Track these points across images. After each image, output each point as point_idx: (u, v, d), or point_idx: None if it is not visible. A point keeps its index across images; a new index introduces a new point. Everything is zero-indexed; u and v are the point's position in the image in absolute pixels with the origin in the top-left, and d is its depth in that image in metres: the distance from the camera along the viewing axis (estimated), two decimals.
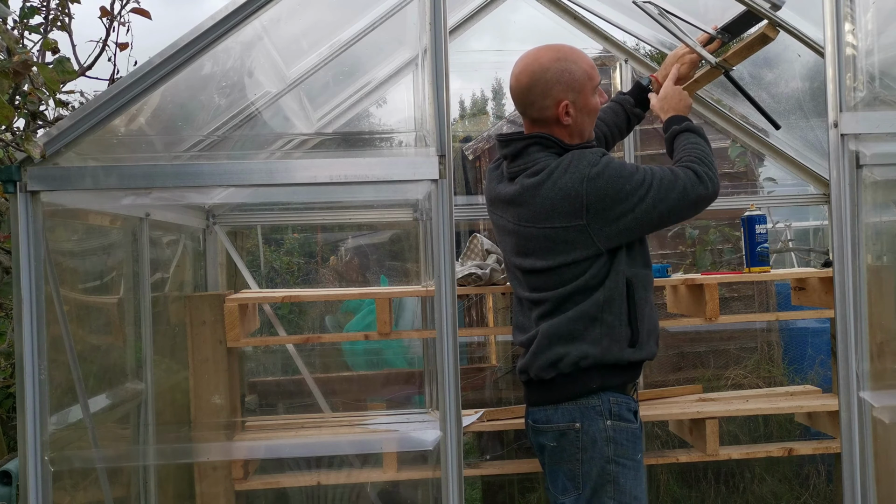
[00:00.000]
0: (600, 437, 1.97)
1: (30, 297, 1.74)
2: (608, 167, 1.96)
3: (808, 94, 2.97)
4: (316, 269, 5.26)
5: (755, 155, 4.10)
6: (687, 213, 2.05)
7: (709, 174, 2.03)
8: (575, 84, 2.03)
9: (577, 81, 2.03)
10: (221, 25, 1.76)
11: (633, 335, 2.02)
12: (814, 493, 3.78)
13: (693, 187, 2.00)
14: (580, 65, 2.04)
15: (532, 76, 2.02)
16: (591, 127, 2.12)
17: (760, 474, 3.85)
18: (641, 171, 1.98)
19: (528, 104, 2.05)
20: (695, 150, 2.10)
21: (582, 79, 2.03)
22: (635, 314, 2.03)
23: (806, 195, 3.44)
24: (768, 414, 3.75)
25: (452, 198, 1.80)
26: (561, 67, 2.02)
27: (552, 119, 2.04)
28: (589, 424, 1.98)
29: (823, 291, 2.89)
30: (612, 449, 1.97)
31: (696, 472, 3.85)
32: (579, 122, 2.07)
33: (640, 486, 2.01)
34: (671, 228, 4.60)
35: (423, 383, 3.20)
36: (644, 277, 2.07)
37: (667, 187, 1.97)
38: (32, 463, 1.73)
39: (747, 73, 2.87)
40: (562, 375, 2.01)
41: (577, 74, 2.03)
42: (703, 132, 2.18)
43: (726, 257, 4.50)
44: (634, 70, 3.29)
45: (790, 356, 4.36)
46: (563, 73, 2.01)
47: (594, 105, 2.08)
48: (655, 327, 2.11)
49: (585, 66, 2.04)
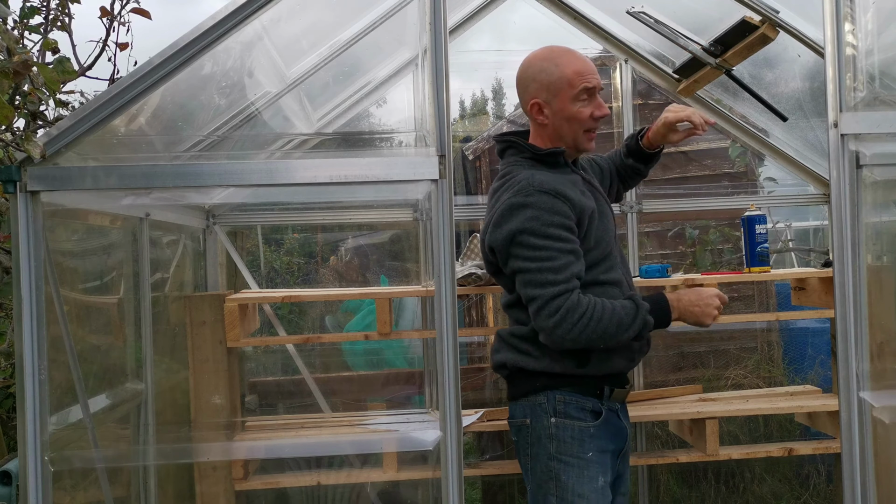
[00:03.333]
0: (544, 433, 1.97)
1: (30, 297, 1.73)
2: (520, 208, 1.89)
3: (808, 94, 2.97)
4: (316, 269, 5.26)
5: (755, 155, 4.10)
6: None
7: (571, 330, 1.85)
8: (551, 86, 2.00)
9: (552, 84, 2.00)
10: (221, 25, 1.76)
11: (581, 356, 1.96)
12: (814, 493, 3.78)
13: (541, 311, 1.88)
14: (563, 69, 1.99)
15: (521, 72, 2.05)
16: (573, 134, 2.03)
17: (760, 474, 3.85)
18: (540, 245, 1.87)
19: (519, 99, 2.09)
20: (613, 319, 1.89)
21: (558, 82, 1.99)
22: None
23: (806, 195, 3.44)
24: (768, 414, 3.75)
25: (452, 198, 1.80)
26: (541, 67, 2.01)
27: (531, 116, 2.06)
28: (536, 421, 1.99)
29: (823, 291, 2.89)
30: (554, 446, 1.96)
31: (696, 472, 3.85)
32: (556, 126, 2.03)
33: (589, 485, 1.95)
34: (671, 228, 4.60)
35: (423, 383, 3.20)
36: (604, 294, 1.97)
37: (532, 282, 1.88)
38: (32, 463, 1.73)
39: (747, 73, 2.87)
40: (513, 375, 2.05)
41: (555, 76, 1.99)
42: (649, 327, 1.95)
43: (726, 257, 4.50)
44: (634, 70, 3.28)
45: (790, 356, 4.36)
46: (540, 73, 2.00)
47: (572, 112, 2.00)
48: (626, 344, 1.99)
49: (568, 71, 1.99)
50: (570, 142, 2.05)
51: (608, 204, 2.16)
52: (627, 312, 1.91)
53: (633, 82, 3.33)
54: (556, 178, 1.97)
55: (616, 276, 2.04)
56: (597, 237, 1.99)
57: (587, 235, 1.97)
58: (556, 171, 2.03)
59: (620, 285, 2.04)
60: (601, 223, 2.02)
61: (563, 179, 1.99)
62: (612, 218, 2.13)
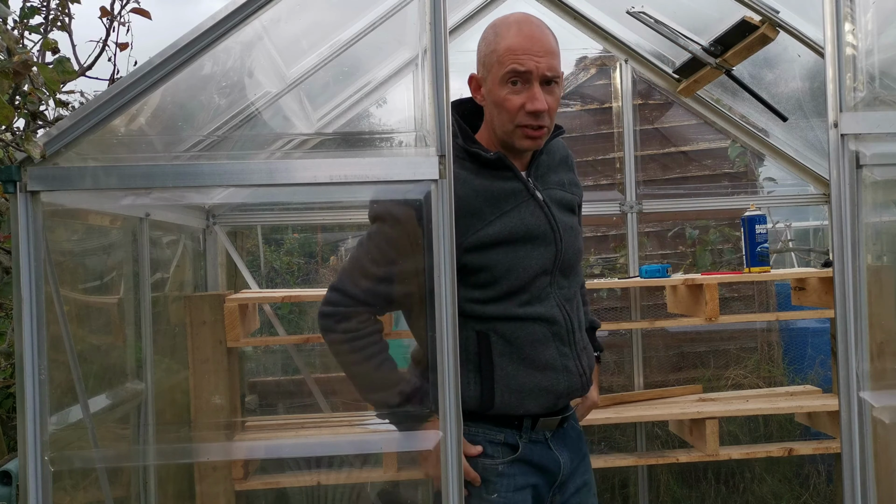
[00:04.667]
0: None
1: (30, 297, 1.73)
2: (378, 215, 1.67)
3: (808, 94, 2.97)
4: (316, 269, 5.26)
5: (755, 155, 4.10)
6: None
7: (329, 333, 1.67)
8: (485, 59, 1.67)
9: (486, 57, 1.66)
10: (221, 25, 1.76)
11: (484, 398, 1.68)
12: (814, 493, 3.78)
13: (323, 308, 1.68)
14: (500, 40, 1.64)
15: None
16: (502, 126, 1.68)
17: (760, 474, 3.85)
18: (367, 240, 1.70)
19: None
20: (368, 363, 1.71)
21: (489, 56, 1.65)
22: (491, 374, 1.67)
23: (806, 195, 3.44)
24: (768, 414, 3.75)
25: (452, 198, 1.80)
26: (485, 35, 1.69)
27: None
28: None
29: (823, 291, 2.89)
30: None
31: (696, 472, 3.85)
32: (489, 111, 1.70)
33: None
34: (671, 228, 4.60)
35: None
36: (522, 331, 1.67)
37: (345, 264, 1.70)
38: (32, 463, 1.73)
39: (747, 73, 2.87)
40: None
41: (490, 48, 1.65)
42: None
43: (726, 257, 4.50)
44: (634, 70, 3.29)
45: (790, 356, 4.36)
46: (482, 41, 1.68)
47: (500, 97, 1.64)
48: (545, 388, 1.69)
49: (502, 45, 1.63)
50: (500, 134, 1.70)
51: (556, 226, 1.74)
52: (383, 378, 1.69)
53: (633, 82, 3.33)
54: (470, 186, 1.68)
55: (541, 311, 1.69)
56: (509, 265, 1.67)
57: (489, 265, 1.67)
58: (485, 172, 1.71)
59: (551, 322, 1.69)
60: (525, 249, 1.68)
61: (482, 189, 1.68)
62: (562, 238, 1.74)
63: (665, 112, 4.42)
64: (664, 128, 4.41)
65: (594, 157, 4.39)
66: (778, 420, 3.97)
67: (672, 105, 4.26)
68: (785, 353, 4.41)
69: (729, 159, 4.47)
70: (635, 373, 3.35)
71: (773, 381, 4.16)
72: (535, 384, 1.69)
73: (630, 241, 3.35)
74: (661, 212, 3.47)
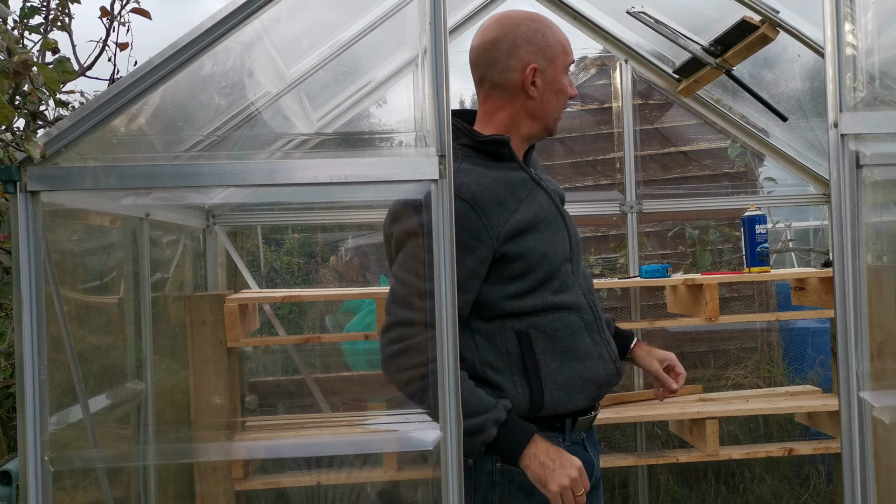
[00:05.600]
0: (486, 480, 1.67)
1: (30, 297, 1.73)
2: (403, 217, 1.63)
3: (808, 94, 2.97)
4: (316, 269, 5.26)
5: (755, 155, 4.10)
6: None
7: (400, 373, 1.63)
8: (547, 51, 1.71)
9: (549, 48, 1.72)
10: (221, 25, 1.76)
11: (535, 399, 1.66)
12: (814, 493, 3.78)
13: (385, 333, 1.63)
14: (556, 33, 1.74)
15: (500, 29, 1.73)
16: (555, 112, 1.76)
17: (760, 474, 3.85)
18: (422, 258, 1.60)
19: (490, 63, 1.73)
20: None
21: (555, 47, 1.72)
22: (538, 373, 1.66)
23: (806, 195, 3.44)
24: (768, 414, 3.75)
25: (452, 198, 1.80)
26: (534, 28, 1.72)
27: (515, 86, 1.72)
28: (479, 464, 1.69)
29: (823, 291, 2.89)
30: (497, 496, 1.66)
31: (696, 472, 3.85)
32: (545, 100, 1.73)
33: None
34: (671, 228, 4.60)
35: None
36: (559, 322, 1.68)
37: (394, 294, 1.65)
38: (32, 463, 1.73)
39: (747, 73, 2.87)
40: None
41: (551, 41, 1.72)
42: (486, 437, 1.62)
43: (726, 257, 4.50)
44: (634, 70, 3.29)
45: (790, 356, 4.36)
46: (535, 34, 1.71)
47: (563, 85, 1.74)
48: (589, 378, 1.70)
49: (561, 37, 1.75)
50: (550, 122, 1.77)
51: (564, 214, 1.79)
52: (474, 404, 1.60)
53: (633, 82, 3.34)
54: (490, 177, 1.68)
55: (571, 299, 1.71)
56: (541, 251, 1.67)
57: (524, 252, 1.66)
58: (495, 164, 1.71)
59: (579, 310, 1.71)
60: (549, 234, 1.70)
61: (500, 179, 1.69)
62: (571, 227, 1.79)
63: (665, 112, 4.43)
64: (664, 128, 4.41)
65: (594, 157, 4.39)
66: (778, 420, 3.97)
67: (672, 105, 4.26)
68: (785, 353, 4.42)
69: (729, 159, 4.48)
70: (635, 373, 3.35)
71: (773, 381, 4.16)
72: (579, 376, 1.69)
73: (630, 241, 3.35)
74: (661, 212, 3.47)
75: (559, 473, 1.56)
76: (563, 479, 1.56)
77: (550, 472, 1.57)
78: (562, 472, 1.56)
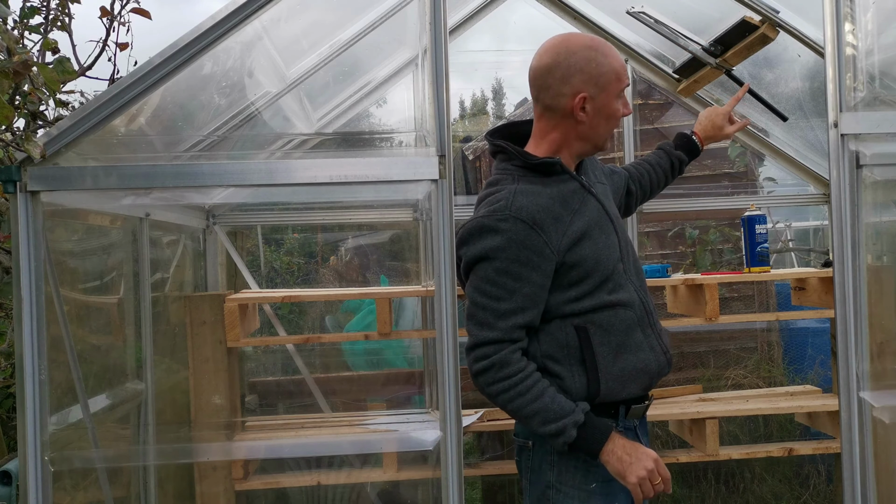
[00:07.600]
0: (545, 460, 1.80)
1: (30, 297, 1.74)
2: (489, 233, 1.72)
3: (808, 94, 2.97)
4: (316, 269, 5.27)
5: (755, 155, 4.10)
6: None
7: (490, 386, 1.71)
8: (600, 79, 1.82)
9: (602, 76, 1.82)
10: (221, 25, 1.76)
11: (591, 387, 1.78)
12: (814, 493, 3.78)
13: (469, 352, 1.73)
14: (611, 61, 1.84)
15: (556, 56, 1.82)
16: (605, 134, 1.89)
17: (760, 474, 3.85)
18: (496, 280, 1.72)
19: (544, 87, 1.84)
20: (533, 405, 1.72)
21: (608, 75, 1.83)
22: (594, 364, 1.78)
23: (806, 195, 3.44)
24: (768, 414, 3.75)
25: (452, 198, 1.80)
26: (588, 56, 1.82)
27: (565, 110, 1.83)
28: (538, 445, 1.81)
29: (823, 291, 2.89)
30: (554, 474, 1.79)
31: (696, 472, 3.85)
32: (594, 125, 1.85)
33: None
34: (671, 228, 4.60)
35: (423, 383, 3.20)
36: (615, 319, 1.81)
37: (473, 317, 1.74)
38: (32, 463, 1.73)
39: (747, 73, 2.87)
40: None
41: (605, 69, 1.82)
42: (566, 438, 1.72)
43: (726, 257, 4.50)
44: (634, 70, 3.28)
45: (790, 356, 4.36)
46: (589, 63, 1.81)
47: (614, 109, 1.86)
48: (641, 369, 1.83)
49: (616, 65, 1.85)
50: (600, 142, 1.91)
51: (612, 217, 1.92)
52: (555, 409, 1.71)
53: (633, 82, 3.33)
54: (545, 195, 1.79)
55: (625, 297, 1.83)
56: (596, 256, 1.80)
57: (580, 260, 1.78)
58: (549, 181, 1.83)
59: (632, 306, 1.84)
60: (602, 239, 1.83)
61: (554, 195, 1.80)
62: (619, 228, 1.92)
63: (665, 112, 4.43)
64: (664, 128, 4.41)
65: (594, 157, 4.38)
66: (778, 420, 3.97)
67: (672, 105, 4.26)
68: (785, 353, 4.41)
69: (729, 159, 4.48)
70: None
71: (773, 381, 4.16)
72: (632, 367, 1.81)
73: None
74: (661, 212, 3.47)
75: (636, 466, 1.70)
76: (641, 471, 1.70)
77: (628, 465, 1.70)
78: (639, 465, 1.70)
